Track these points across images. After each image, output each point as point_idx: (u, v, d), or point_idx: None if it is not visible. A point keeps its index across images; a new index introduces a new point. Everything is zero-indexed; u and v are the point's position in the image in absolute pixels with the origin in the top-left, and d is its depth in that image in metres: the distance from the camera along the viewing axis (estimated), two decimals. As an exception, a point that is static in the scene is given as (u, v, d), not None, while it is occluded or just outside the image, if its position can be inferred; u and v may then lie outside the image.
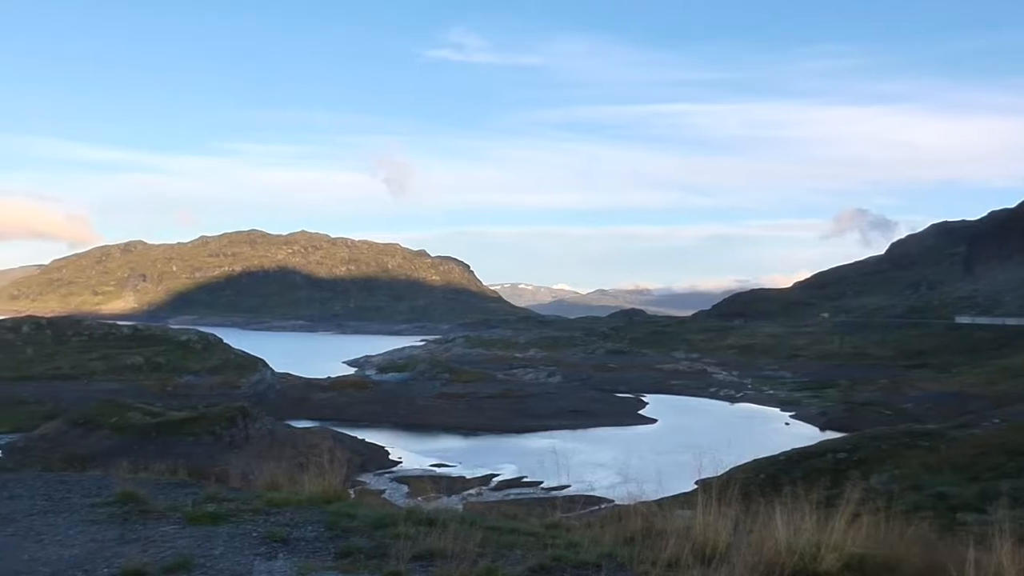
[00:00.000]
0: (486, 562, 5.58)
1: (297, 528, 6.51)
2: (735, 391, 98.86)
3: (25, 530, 6.28)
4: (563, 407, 79.66)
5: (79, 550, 5.82)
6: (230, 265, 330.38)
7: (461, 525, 6.26)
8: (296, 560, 5.71)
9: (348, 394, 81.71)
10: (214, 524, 6.51)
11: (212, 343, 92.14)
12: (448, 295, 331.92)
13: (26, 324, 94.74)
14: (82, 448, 45.98)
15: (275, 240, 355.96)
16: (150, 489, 7.51)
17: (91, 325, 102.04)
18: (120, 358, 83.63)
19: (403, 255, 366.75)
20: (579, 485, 38.80)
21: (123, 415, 54.02)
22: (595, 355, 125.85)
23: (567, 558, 5.91)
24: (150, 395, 69.13)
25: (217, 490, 7.81)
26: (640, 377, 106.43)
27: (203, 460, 40.72)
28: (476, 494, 44.74)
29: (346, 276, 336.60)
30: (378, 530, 6.43)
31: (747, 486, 8.70)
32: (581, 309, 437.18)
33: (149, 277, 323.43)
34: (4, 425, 60.19)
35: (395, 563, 5.53)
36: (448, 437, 68.73)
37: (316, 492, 7.54)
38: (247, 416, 55.28)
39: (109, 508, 6.91)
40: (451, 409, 77.62)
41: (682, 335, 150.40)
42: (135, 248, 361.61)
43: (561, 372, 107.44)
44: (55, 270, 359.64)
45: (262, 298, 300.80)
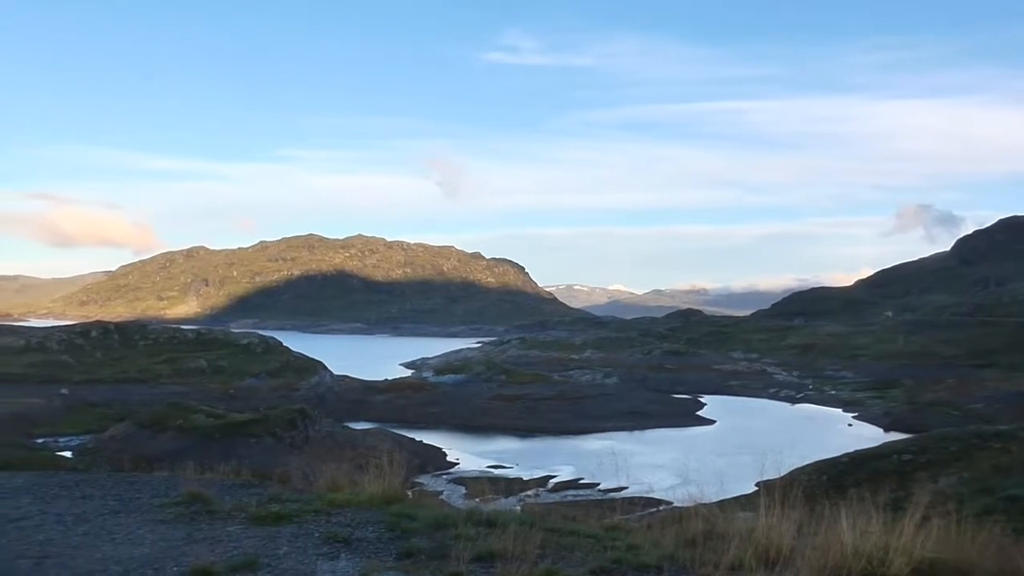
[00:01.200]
0: (546, 564, 5.58)
1: (358, 529, 6.58)
2: (795, 392, 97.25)
3: (98, 529, 6.47)
4: (620, 408, 79.22)
5: (149, 549, 5.97)
6: (289, 269, 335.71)
7: (521, 527, 6.26)
8: (358, 560, 5.78)
9: (405, 396, 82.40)
10: (278, 524, 6.62)
11: (272, 346, 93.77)
12: (503, 297, 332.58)
13: (95, 329, 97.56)
14: (149, 449, 47.12)
15: (332, 244, 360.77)
16: (215, 490, 7.67)
17: (156, 329, 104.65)
18: (184, 362, 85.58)
19: (458, 257, 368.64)
20: (637, 487, 38.58)
21: (188, 417, 55.25)
22: (652, 356, 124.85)
23: (628, 560, 5.88)
24: (213, 397, 70.59)
25: (280, 491, 7.94)
26: (698, 378, 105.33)
27: (265, 461, 41.44)
28: (533, 496, 44.72)
29: (402, 279, 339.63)
30: (438, 531, 6.47)
31: (810, 488, 8.55)
32: (637, 310, 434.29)
33: (211, 282, 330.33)
34: (75, 427, 62.03)
35: (456, 564, 5.55)
36: (505, 438, 68.82)
37: (376, 493, 7.61)
38: (307, 418, 56.12)
39: (177, 508, 7.07)
40: (507, 411, 77.73)
41: (740, 335, 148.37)
42: (197, 254, 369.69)
43: (617, 373, 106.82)
44: (122, 276, 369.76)
45: (320, 301, 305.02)
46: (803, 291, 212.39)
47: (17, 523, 6.58)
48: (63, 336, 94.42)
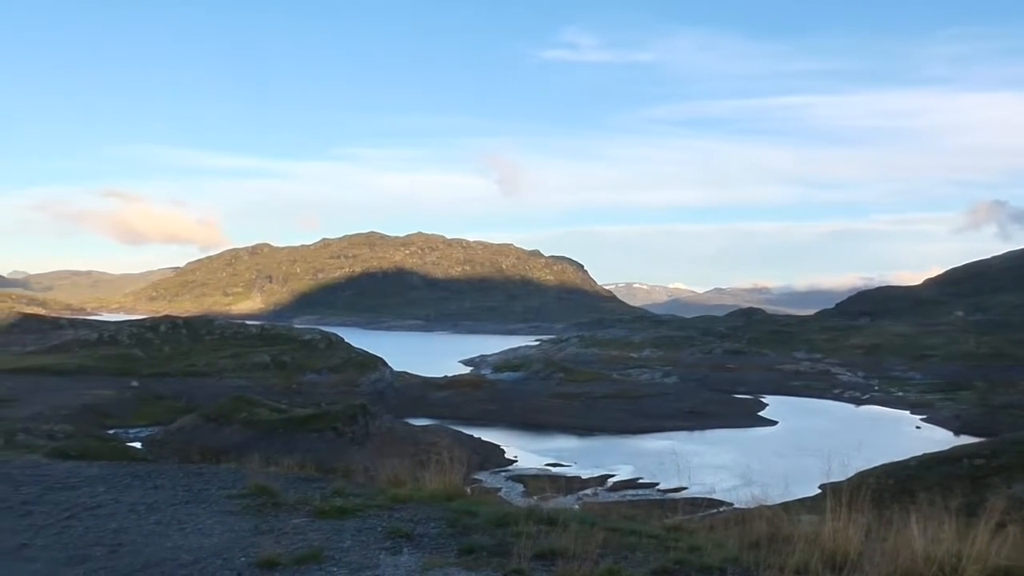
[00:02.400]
0: (608, 563, 5.55)
1: (420, 524, 6.63)
2: (861, 393, 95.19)
3: (169, 519, 6.64)
4: (680, 408, 78.50)
5: (218, 539, 6.10)
6: (350, 266, 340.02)
7: (582, 525, 6.25)
8: (420, 556, 5.82)
9: (464, 393, 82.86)
10: (341, 518, 6.72)
11: (334, 342, 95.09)
12: (562, 295, 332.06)
13: (163, 324, 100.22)
14: (214, 442, 48.23)
15: (393, 242, 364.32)
16: (281, 483, 7.80)
17: (222, 325, 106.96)
18: (249, 356, 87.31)
19: (517, 255, 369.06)
20: (697, 487, 38.23)
21: (252, 411, 56.39)
22: (712, 355, 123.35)
23: (690, 561, 5.82)
24: (276, 392, 71.91)
25: (343, 485, 8.05)
26: (759, 378, 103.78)
27: (326, 456, 42.09)
28: (592, 494, 44.62)
29: (461, 276, 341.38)
30: (499, 528, 6.48)
31: (877, 492, 8.35)
32: (697, 308, 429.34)
33: (275, 278, 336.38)
34: (144, 418, 63.84)
35: (517, 561, 5.56)
36: (563, 437, 68.74)
37: (438, 489, 7.66)
38: (367, 414, 56.81)
39: (244, 500, 7.21)
40: (566, 409, 77.62)
41: (804, 334, 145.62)
42: (262, 251, 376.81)
43: (677, 372, 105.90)
44: (189, 272, 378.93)
45: (380, 298, 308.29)
46: (869, 290, 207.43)
47: (93, 511, 6.80)
48: (133, 330, 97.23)
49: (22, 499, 7.11)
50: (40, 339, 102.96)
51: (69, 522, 6.46)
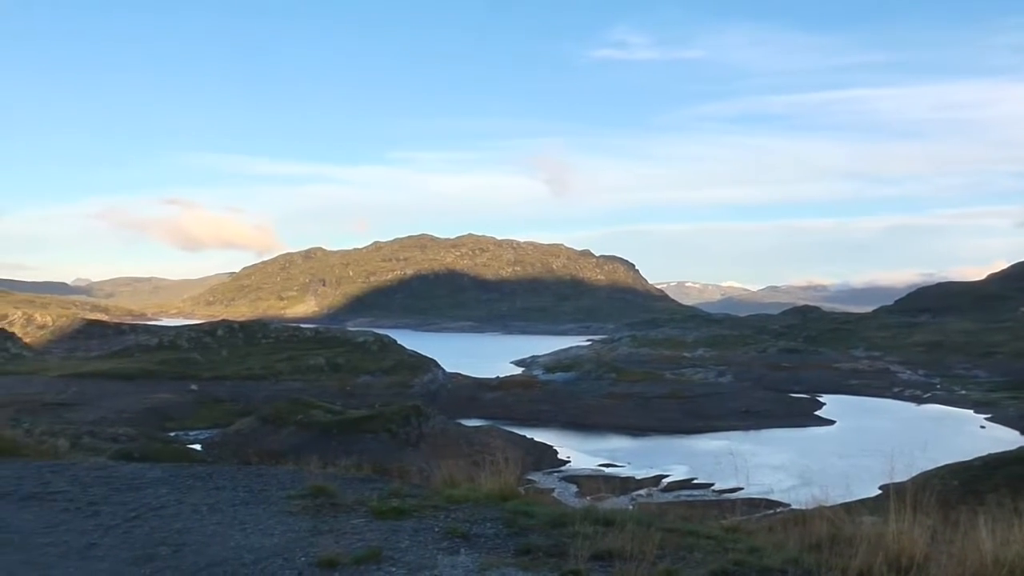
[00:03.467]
0: (665, 564, 5.51)
1: (476, 524, 6.65)
2: (922, 391, 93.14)
3: (230, 519, 6.76)
4: (734, 407, 77.66)
5: (278, 539, 6.19)
6: (402, 269, 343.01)
7: (638, 526, 6.21)
8: (477, 556, 5.84)
9: (516, 393, 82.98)
10: (399, 518, 6.76)
11: (387, 344, 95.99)
12: (613, 294, 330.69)
13: (221, 328, 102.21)
14: (271, 443, 49.01)
15: (443, 244, 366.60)
16: (338, 484, 7.88)
17: (277, 328, 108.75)
18: (304, 359, 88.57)
19: (568, 255, 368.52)
20: (753, 488, 37.70)
21: (307, 413, 57.18)
22: (767, 354, 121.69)
23: (749, 563, 5.74)
24: (331, 394, 72.81)
25: (400, 486, 8.10)
26: (816, 376, 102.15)
27: (381, 457, 42.47)
28: (646, 495, 44.31)
29: (512, 277, 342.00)
30: (555, 528, 6.47)
31: (942, 493, 8.15)
32: (751, 307, 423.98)
33: (328, 282, 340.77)
34: (203, 421, 65.18)
35: (574, 562, 5.54)
36: (616, 437, 68.45)
37: (493, 490, 7.67)
38: (421, 415, 57.22)
39: (303, 501, 7.30)
40: (618, 409, 77.28)
41: (861, 332, 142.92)
42: (315, 255, 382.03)
43: (731, 372, 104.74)
44: (244, 277, 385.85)
45: (432, 300, 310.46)
46: (929, 286, 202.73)
47: (157, 511, 6.95)
48: (192, 334, 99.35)
49: (90, 500, 7.31)
50: (103, 344, 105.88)
51: (135, 522, 6.62)
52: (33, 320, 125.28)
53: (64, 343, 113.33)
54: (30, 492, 7.55)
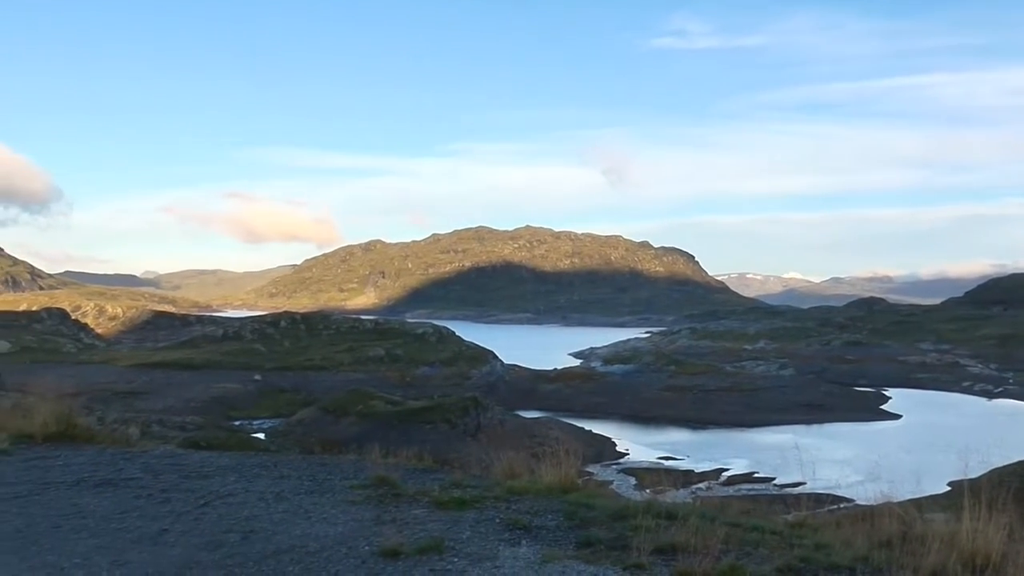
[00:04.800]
0: (730, 559, 5.44)
1: (537, 516, 6.65)
2: (993, 386, 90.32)
3: (295, 508, 6.88)
4: (796, 401, 76.37)
5: (342, 528, 6.28)
6: (460, 261, 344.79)
7: (702, 520, 6.14)
8: (539, 548, 5.84)
9: (574, 385, 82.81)
10: (460, 509, 6.80)
11: (445, 336, 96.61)
12: (672, 286, 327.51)
13: (283, 319, 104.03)
14: (332, 434, 49.71)
15: (501, 236, 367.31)
16: (399, 474, 7.95)
17: (338, 320, 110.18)
18: (364, 350, 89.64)
19: (626, 247, 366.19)
20: (815, 482, 37.03)
21: (367, 404, 57.89)
22: (831, 347, 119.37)
23: (816, 560, 5.63)
24: (390, 385, 73.57)
25: (461, 477, 8.15)
26: (881, 370, 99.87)
27: (440, 447, 42.73)
28: (705, 489, 43.82)
29: (570, 269, 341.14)
30: (617, 522, 6.44)
31: (1018, 490, 7.89)
32: (814, 299, 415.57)
33: (387, 274, 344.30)
34: (266, 411, 66.42)
35: (637, 555, 5.51)
36: (675, 430, 67.90)
37: (554, 482, 7.66)
38: (479, 406, 57.49)
39: (366, 491, 7.39)
40: (678, 402, 76.62)
41: (929, 324, 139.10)
42: (375, 247, 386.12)
43: (793, 364, 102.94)
44: (306, 269, 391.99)
45: (490, 292, 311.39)
46: (1001, 277, 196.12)
47: (225, 499, 7.11)
48: (255, 326, 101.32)
49: (161, 487, 7.50)
50: (170, 335, 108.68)
51: (204, 509, 6.78)
52: (104, 311, 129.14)
53: (134, 334, 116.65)
54: (104, 478, 7.78)
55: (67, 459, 8.58)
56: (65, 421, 9.78)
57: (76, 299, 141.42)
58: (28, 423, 9.64)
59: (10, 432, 9.41)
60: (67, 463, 8.40)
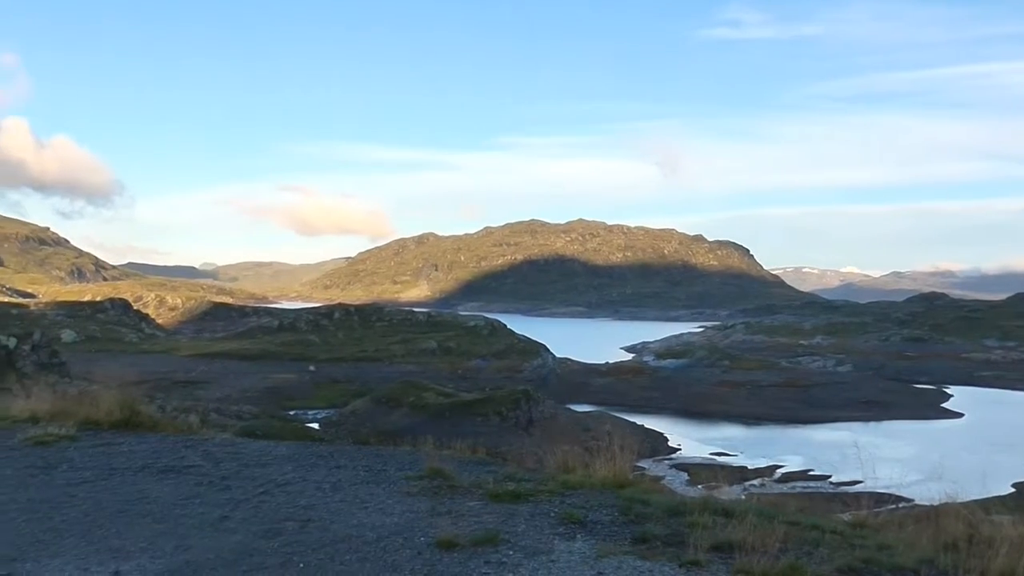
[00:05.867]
0: (789, 558, 5.34)
1: (592, 511, 6.62)
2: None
3: (352, 497, 6.95)
4: (854, 398, 74.93)
5: (398, 518, 6.33)
6: (512, 254, 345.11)
7: (759, 518, 6.05)
8: (594, 543, 5.81)
9: (626, 380, 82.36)
10: (514, 502, 6.80)
11: (497, 329, 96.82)
12: (726, 280, 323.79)
13: (337, 311, 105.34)
14: (385, 424, 50.15)
15: (554, 229, 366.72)
16: (454, 466, 7.98)
17: (391, 312, 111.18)
18: (416, 342, 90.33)
19: (679, 240, 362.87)
20: (873, 481, 36.28)
21: (419, 395, 58.29)
22: (890, 343, 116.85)
23: (879, 561, 5.51)
24: (442, 377, 73.95)
25: (515, 470, 8.16)
26: (943, 367, 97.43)
27: (491, 440, 42.89)
28: (759, 485, 43.33)
29: (622, 263, 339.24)
30: (673, 518, 6.38)
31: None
32: (873, 293, 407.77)
33: (440, 267, 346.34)
34: (320, 401, 67.31)
35: (693, 552, 5.45)
36: (728, 425, 67.13)
37: (608, 476, 7.62)
38: (531, 399, 57.47)
39: (420, 482, 7.44)
40: (731, 397, 75.75)
41: (995, 321, 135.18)
42: (427, 240, 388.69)
43: (851, 360, 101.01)
44: (359, 262, 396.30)
45: (542, 285, 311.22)
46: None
47: (283, 488, 7.22)
48: (310, 317, 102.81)
49: (222, 475, 7.65)
50: (228, 326, 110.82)
51: (263, 497, 6.89)
52: (165, 302, 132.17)
53: (193, 324, 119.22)
54: (167, 465, 7.96)
55: (131, 446, 8.79)
56: (129, 409, 10.04)
57: (138, 290, 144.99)
58: (94, 410, 9.90)
59: (77, 419, 9.68)
60: (131, 450, 8.62)
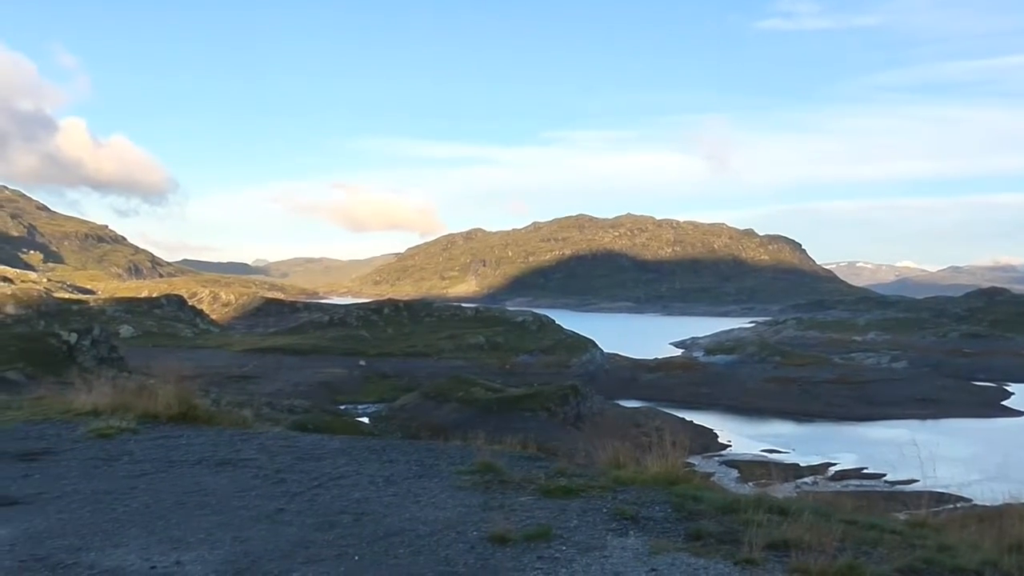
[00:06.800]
0: (847, 558, 5.25)
1: (644, 507, 6.58)
2: None
3: (404, 491, 7.00)
4: (909, 395, 73.46)
5: (450, 513, 6.36)
6: (560, 249, 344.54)
7: (815, 516, 5.97)
8: (647, 539, 5.77)
9: (675, 375, 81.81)
10: (566, 498, 6.79)
11: (545, 324, 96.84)
12: (778, 275, 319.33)
13: (387, 307, 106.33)
14: (434, 419, 50.56)
15: (602, 224, 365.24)
16: (505, 461, 7.99)
17: (440, 307, 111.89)
18: (464, 337, 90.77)
19: (729, 235, 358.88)
20: (931, 480, 35.52)
21: (468, 390, 58.59)
22: (947, 339, 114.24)
23: (940, 562, 5.39)
24: (490, 372, 74.23)
25: (565, 465, 8.13)
26: (1004, 364, 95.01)
27: (539, 436, 42.80)
28: (811, 483, 42.71)
29: (671, 258, 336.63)
30: (726, 515, 6.32)
31: None
32: (929, 288, 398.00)
33: (488, 262, 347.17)
34: (370, 396, 68.01)
35: (748, 550, 5.38)
36: (779, 422, 66.36)
37: (660, 472, 7.56)
38: (579, 395, 57.43)
39: (472, 476, 7.46)
40: (782, 393, 74.78)
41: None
42: (475, 236, 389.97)
43: (907, 357, 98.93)
44: (408, 257, 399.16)
45: (590, 280, 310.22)
46: None
47: (337, 481, 7.30)
48: (360, 313, 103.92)
49: (276, 468, 7.76)
50: (279, 321, 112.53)
51: (317, 490, 6.97)
52: (218, 298, 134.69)
53: (245, 319, 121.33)
54: (224, 458, 8.10)
55: (189, 439, 8.97)
56: (186, 403, 10.23)
57: (192, 286, 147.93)
58: (153, 404, 10.11)
59: (136, 412, 9.89)
60: (189, 443, 8.79)
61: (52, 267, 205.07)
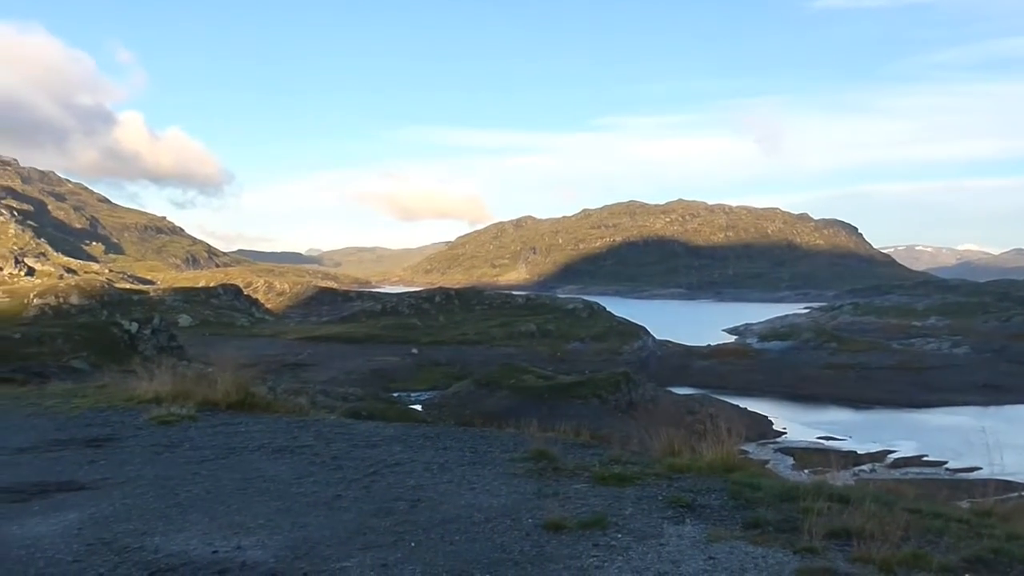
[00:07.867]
0: (911, 547, 5.14)
1: (701, 495, 6.52)
2: None
3: (459, 478, 7.04)
4: (972, 381, 71.73)
5: (505, 500, 6.37)
6: (611, 236, 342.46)
7: (877, 504, 5.84)
8: (704, 527, 5.72)
9: (729, 362, 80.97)
10: (621, 485, 6.75)
11: (596, 311, 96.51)
12: (833, 260, 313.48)
13: (438, 295, 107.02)
14: (485, 406, 50.71)
15: (653, 210, 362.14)
16: (558, 448, 7.98)
17: (491, 295, 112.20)
18: (515, 325, 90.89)
19: (783, 219, 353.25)
20: (994, 468, 34.69)
21: (519, 378, 58.68)
22: (1011, 323, 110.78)
23: (1009, 552, 5.23)
24: (541, 360, 74.25)
25: (620, 453, 8.09)
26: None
27: (592, 423, 42.71)
28: (869, 471, 42.01)
29: (724, 243, 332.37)
30: (785, 503, 6.22)
31: None
32: (993, 272, 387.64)
33: (538, 250, 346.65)
34: (423, 383, 68.52)
35: (808, 539, 5.30)
36: (836, 409, 65.32)
37: (715, 460, 7.48)
38: (631, 382, 57.16)
39: (526, 464, 7.46)
40: (839, 380, 73.57)
41: None
42: (525, 224, 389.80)
43: (969, 342, 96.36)
44: (459, 246, 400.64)
45: (641, 267, 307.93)
46: None
47: (393, 468, 7.36)
48: (412, 301, 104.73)
49: (333, 454, 7.86)
50: (333, 310, 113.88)
51: (373, 477, 7.04)
52: (273, 287, 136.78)
53: (299, 308, 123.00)
54: (282, 445, 8.23)
55: (247, 426, 9.13)
56: (244, 390, 10.41)
57: (248, 276, 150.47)
58: (212, 391, 10.32)
59: (196, 400, 10.10)
60: (248, 430, 8.95)
61: (113, 258, 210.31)
